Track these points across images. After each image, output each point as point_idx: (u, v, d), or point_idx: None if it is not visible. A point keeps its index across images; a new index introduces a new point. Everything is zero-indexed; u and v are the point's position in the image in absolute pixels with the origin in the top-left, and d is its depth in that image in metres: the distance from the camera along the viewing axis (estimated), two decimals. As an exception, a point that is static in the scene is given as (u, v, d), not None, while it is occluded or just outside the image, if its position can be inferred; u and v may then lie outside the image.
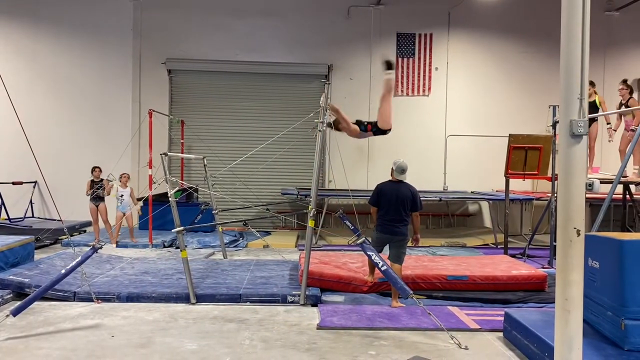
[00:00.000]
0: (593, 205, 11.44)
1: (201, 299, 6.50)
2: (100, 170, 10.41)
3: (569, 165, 3.34)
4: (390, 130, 6.65)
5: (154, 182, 9.99)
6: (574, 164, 3.33)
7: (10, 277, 6.71)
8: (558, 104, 3.60)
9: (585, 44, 3.28)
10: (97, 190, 10.23)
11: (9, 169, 12.72)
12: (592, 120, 9.45)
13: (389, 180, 6.70)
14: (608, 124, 10.26)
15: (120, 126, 13.31)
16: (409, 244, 6.76)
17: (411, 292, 5.75)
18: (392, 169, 6.67)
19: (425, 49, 13.90)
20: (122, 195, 10.39)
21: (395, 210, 6.48)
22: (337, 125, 6.81)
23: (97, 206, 10.37)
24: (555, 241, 4.50)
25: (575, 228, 3.32)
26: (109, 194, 10.42)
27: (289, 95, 13.74)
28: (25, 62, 13.32)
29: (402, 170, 6.60)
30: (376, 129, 6.62)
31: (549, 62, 13.40)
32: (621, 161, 8.12)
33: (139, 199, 10.41)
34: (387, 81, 6.62)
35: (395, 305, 6.36)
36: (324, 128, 6.59)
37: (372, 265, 6.85)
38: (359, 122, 6.74)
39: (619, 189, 9.34)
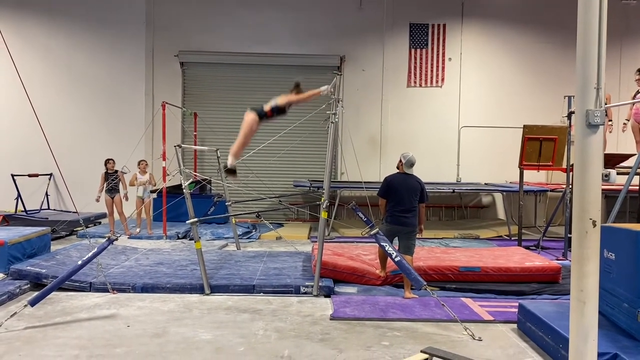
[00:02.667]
0: (609, 196, 11.33)
1: (215, 289, 6.56)
2: (114, 162, 10.48)
3: (585, 156, 3.31)
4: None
5: (168, 174, 10.06)
6: (590, 154, 3.30)
7: (28, 267, 6.82)
8: (573, 95, 3.57)
9: (603, 33, 3.24)
10: (111, 183, 10.30)
11: (24, 161, 12.90)
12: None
13: (397, 173, 6.74)
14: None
15: (133, 118, 13.42)
16: None
17: (425, 283, 5.76)
18: (400, 161, 6.71)
19: (438, 39, 13.80)
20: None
21: (406, 201, 6.52)
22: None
23: (112, 198, 10.45)
24: (570, 233, 4.47)
25: (591, 219, 3.29)
26: (133, 185, 10.48)
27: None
28: (40, 56, 13.46)
29: (412, 164, 6.67)
30: (277, 110, 6.54)
31: (563, 53, 13.28)
32: (638, 152, 8.01)
33: (153, 191, 10.49)
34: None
35: (408, 296, 6.36)
36: (337, 119, 6.59)
37: (384, 259, 6.87)
38: (254, 109, 6.59)
39: (635, 180, 9.23)
